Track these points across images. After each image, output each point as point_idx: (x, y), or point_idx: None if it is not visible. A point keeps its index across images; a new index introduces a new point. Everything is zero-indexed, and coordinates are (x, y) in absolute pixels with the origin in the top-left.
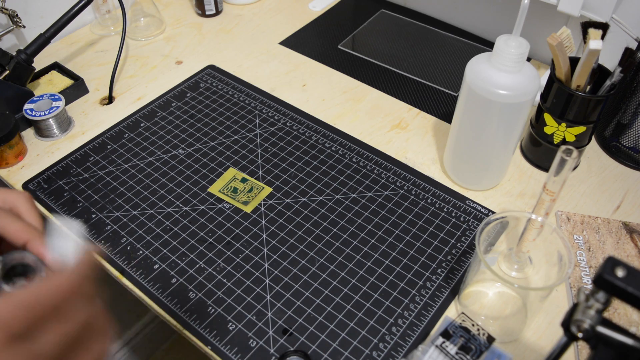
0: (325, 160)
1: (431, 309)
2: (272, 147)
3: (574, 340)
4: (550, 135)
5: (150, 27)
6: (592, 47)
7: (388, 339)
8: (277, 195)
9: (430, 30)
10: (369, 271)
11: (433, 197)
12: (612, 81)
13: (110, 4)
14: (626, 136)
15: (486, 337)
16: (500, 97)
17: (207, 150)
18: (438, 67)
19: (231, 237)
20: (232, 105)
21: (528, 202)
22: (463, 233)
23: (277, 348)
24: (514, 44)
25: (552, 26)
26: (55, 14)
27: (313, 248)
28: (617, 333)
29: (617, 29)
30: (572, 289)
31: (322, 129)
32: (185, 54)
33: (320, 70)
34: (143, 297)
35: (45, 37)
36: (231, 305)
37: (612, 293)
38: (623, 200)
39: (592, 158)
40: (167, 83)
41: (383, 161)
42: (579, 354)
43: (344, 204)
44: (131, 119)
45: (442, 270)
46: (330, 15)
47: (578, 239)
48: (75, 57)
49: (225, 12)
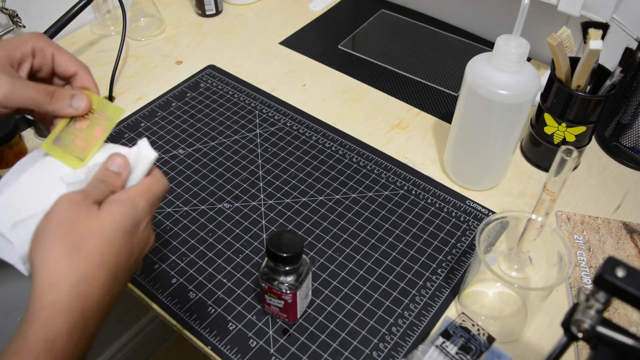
0: (325, 160)
1: (431, 309)
2: (272, 147)
3: (574, 340)
4: (550, 135)
5: (150, 27)
6: (592, 47)
7: (388, 339)
8: (277, 195)
9: (430, 30)
10: (369, 271)
11: (433, 197)
12: (612, 81)
13: (110, 4)
14: (626, 136)
15: (486, 337)
16: (500, 97)
17: (207, 150)
18: (438, 67)
19: (231, 237)
20: (232, 105)
21: (528, 202)
22: (463, 233)
23: (277, 348)
24: (514, 44)
25: (552, 26)
26: (55, 14)
27: (313, 248)
28: (617, 333)
29: (617, 29)
30: (572, 289)
31: (322, 129)
32: (185, 54)
33: (320, 70)
34: (143, 297)
35: None
36: (231, 305)
37: (612, 293)
38: (623, 200)
39: (592, 158)
40: (167, 83)
41: (383, 161)
42: (579, 354)
43: (344, 204)
44: (131, 119)
45: (442, 270)
46: (330, 15)
47: (578, 239)
48: (76, 57)
49: (225, 12)
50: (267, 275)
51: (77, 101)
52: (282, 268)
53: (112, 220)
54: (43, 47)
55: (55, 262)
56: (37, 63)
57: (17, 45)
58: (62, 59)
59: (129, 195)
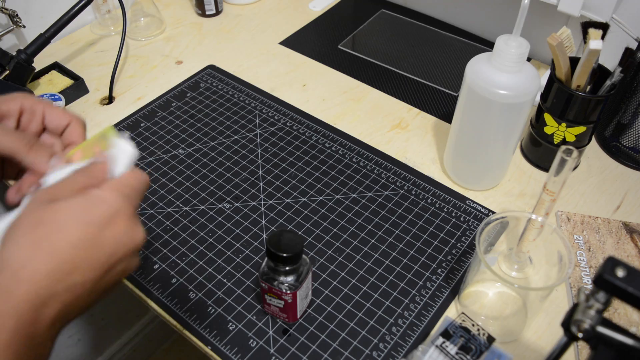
0: (325, 160)
1: (431, 309)
2: (272, 147)
3: (574, 340)
4: (550, 135)
5: (150, 27)
6: (592, 47)
7: (388, 339)
8: (277, 195)
9: (430, 30)
10: (369, 271)
11: (433, 197)
12: (612, 81)
13: (110, 4)
14: (626, 136)
15: (486, 337)
16: (500, 97)
17: (207, 150)
18: (438, 67)
19: (231, 237)
20: (232, 105)
21: (528, 202)
22: (463, 233)
23: (277, 348)
24: (514, 44)
25: (552, 26)
26: (55, 14)
27: (313, 248)
28: (617, 333)
29: (617, 29)
30: (572, 289)
31: (322, 129)
32: (185, 54)
33: (320, 70)
34: (143, 297)
35: (45, 37)
36: (231, 305)
37: (612, 293)
38: (623, 200)
39: (592, 158)
40: (167, 83)
41: (383, 161)
42: (579, 354)
43: (344, 204)
44: (131, 119)
45: (442, 270)
46: (330, 15)
47: (578, 239)
48: (76, 57)
49: (225, 12)
50: (267, 275)
51: (55, 161)
52: (282, 268)
53: (68, 212)
54: (32, 105)
55: (4, 248)
56: (24, 120)
57: (5, 100)
58: (53, 115)
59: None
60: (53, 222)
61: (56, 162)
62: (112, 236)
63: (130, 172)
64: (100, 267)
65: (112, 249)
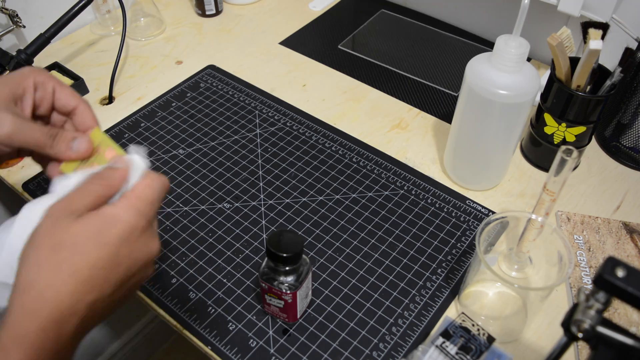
0: (325, 160)
1: (431, 309)
2: (272, 147)
3: (574, 341)
4: (550, 135)
5: (150, 27)
6: (592, 47)
7: (388, 339)
8: (277, 195)
9: (430, 30)
10: (369, 271)
11: (433, 197)
12: (612, 81)
13: (110, 4)
14: (626, 136)
15: (486, 337)
16: (500, 97)
17: (207, 150)
18: (438, 67)
19: (231, 237)
20: (232, 105)
21: (528, 202)
22: (463, 233)
23: (277, 348)
24: (514, 44)
25: (552, 26)
26: (55, 14)
27: (313, 248)
28: (617, 333)
29: (617, 29)
30: (572, 289)
31: (322, 129)
32: (185, 54)
33: (320, 70)
34: (143, 297)
35: (45, 37)
36: (231, 305)
37: (612, 293)
38: (623, 200)
39: (592, 158)
40: (167, 83)
41: (383, 161)
42: (579, 354)
43: (344, 204)
44: (131, 119)
45: (442, 270)
46: (330, 15)
47: (578, 239)
48: (75, 57)
49: (225, 12)
50: (267, 275)
51: (78, 144)
52: (282, 268)
53: (87, 236)
54: (44, 81)
55: (27, 270)
56: (38, 97)
57: (19, 80)
58: (63, 94)
59: (110, 209)
60: (73, 246)
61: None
62: (128, 253)
63: (145, 182)
64: (117, 283)
65: (128, 264)
